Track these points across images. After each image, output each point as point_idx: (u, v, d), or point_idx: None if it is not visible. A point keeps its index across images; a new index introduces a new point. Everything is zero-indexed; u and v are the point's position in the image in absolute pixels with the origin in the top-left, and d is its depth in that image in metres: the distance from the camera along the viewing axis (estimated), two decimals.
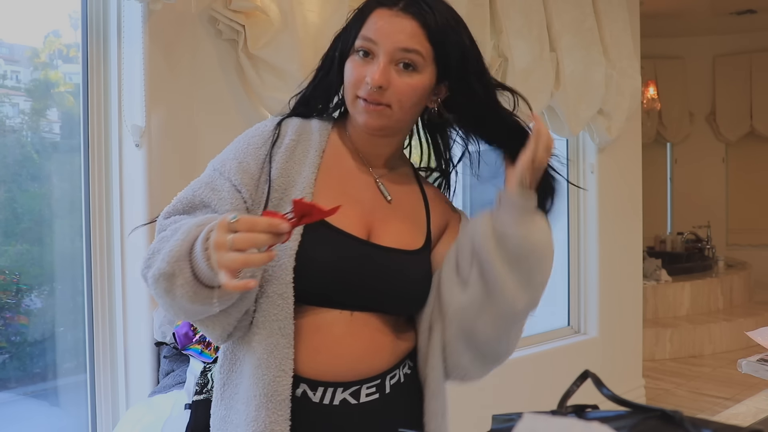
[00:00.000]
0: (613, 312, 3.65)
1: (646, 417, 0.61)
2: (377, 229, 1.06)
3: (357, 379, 1.00)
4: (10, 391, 2.14)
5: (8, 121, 2.19)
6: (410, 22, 1.00)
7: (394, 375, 1.04)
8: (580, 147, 3.60)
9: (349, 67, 1.02)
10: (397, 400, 1.04)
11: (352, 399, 0.99)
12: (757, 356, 1.41)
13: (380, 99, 1.00)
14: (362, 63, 1.01)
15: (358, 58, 1.01)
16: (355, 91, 1.01)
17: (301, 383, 0.98)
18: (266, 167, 1.03)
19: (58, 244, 2.20)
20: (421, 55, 1.00)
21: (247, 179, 1.01)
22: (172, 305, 0.92)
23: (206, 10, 2.10)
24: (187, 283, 0.87)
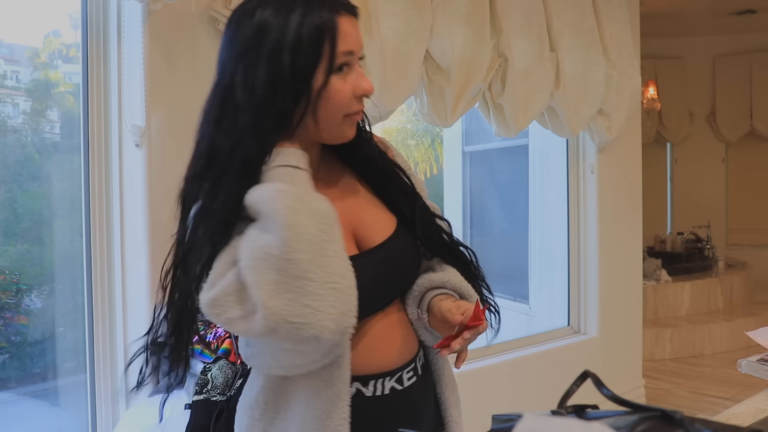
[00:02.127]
0: (613, 312, 3.65)
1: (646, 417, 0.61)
2: (361, 232, 1.07)
3: (398, 366, 1.06)
4: (10, 391, 2.14)
5: (8, 121, 2.19)
6: (355, 20, 1.00)
7: (420, 357, 1.11)
8: (580, 147, 3.60)
9: (337, 88, 0.95)
10: (427, 381, 1.12)
11: (398, 385, 1.05)
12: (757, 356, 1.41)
13: (362, 106, 1.01)
14: (342, 78, 0.96)
15: (339, 74, 0.96)
16: (346, 110, 0.98)
17: (353, 382, 1.01)
18: None
19: (58, 244, 2.20)
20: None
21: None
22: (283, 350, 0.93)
23: (206, 10, 2.10)
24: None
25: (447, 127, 2.76)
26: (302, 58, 0.92)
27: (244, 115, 0.92)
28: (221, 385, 1.55)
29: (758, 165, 6.48)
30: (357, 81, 0.97)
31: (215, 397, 1.53)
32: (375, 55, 2.30)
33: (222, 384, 1.55)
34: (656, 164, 6.54)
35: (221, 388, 1.55)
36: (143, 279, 2.01)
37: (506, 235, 4.33)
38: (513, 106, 2.85)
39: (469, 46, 2.67)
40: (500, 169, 4.30)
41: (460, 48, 2.63)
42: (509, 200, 4.22)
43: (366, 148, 1.10)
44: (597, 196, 3.57)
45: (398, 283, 1.10)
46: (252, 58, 0.92)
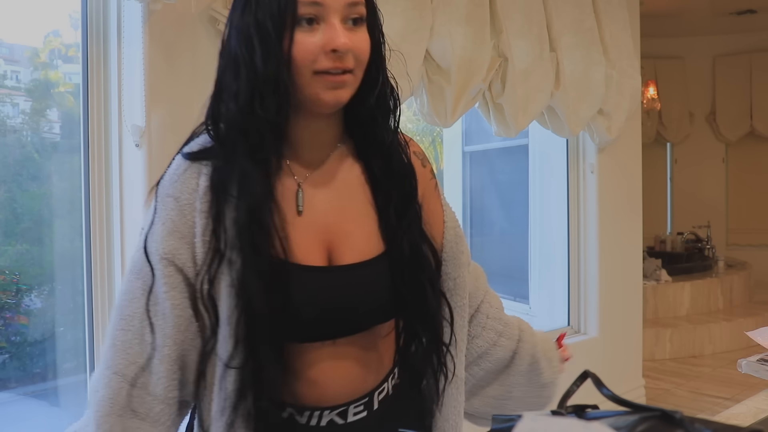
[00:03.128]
0: (613, 312, 3.65)
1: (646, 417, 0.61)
2: (336, 243, 0.95)
3: (344, 402, 0.95)
4: (10, 391, 2.14)
5: (8, 121, 2.19)
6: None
7: (382, 390, 0.98)
8: (580, 147, 3.60)
9: (301, 41, 0.86)
10: (386, 414, 0.98)
11: (339, 419, 0.95)
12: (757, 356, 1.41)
13: (346, 65, 0.88)
14: (310, 33, 0.86)
15: (303, 28, 0.86)
16: (313, 66, 0.87)
17: (287, 407, 0.93)
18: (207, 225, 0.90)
19: (58, 244, 2.20)
20: (363, 6, 0.91)
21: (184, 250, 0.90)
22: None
23: (206, 10, 2.10)
24: None
25: (447, 127, 2.76)
26: (263, 16, 0.86)
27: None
28: None
29: (758, 165, 6.48)
30: (329, 35, 0.86)
31: None
32: None
33: None
34: (656, 164, 6.54)
35: None
36: None
37: (506, 235, 4.33)
38: (513, 106, 2.85)
39: (469, 46, 2.67)
40: (500, 169, 4.30)
41: (460, 48, 2.63)
42: (509, 200, 4.22)
43: (378, 137, 0.97)
44: (597, 196, 3.57)
45: (355, 319, 0.94)
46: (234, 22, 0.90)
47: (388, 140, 0.97)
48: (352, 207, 0.97)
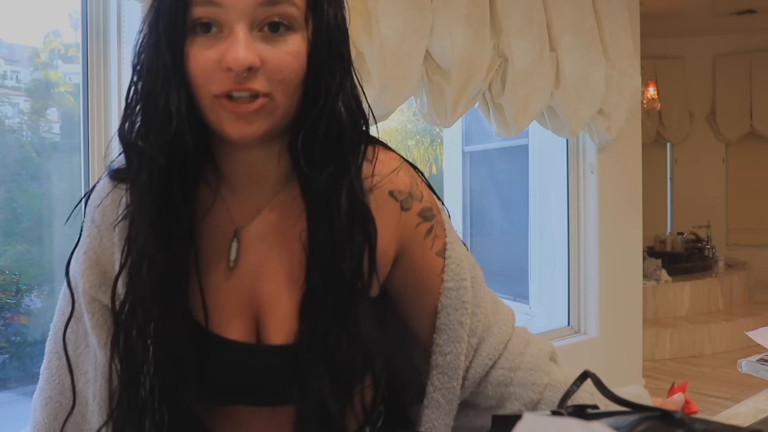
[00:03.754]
0: (613, 312, 3.64)
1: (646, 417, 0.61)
2: (265, 314, 0.77)
3: None
4: (10, 390, 2.14)
5: (8, 121, 2.19)
6: None
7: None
8: (580, 147, 3.60)
9: (193, 55, 0.66)
10: None
11: None
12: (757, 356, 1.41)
13: (254, 87, 0.66)
14: (207, 43, 0.66)
15: (199, 37, 0.67)
16: (211, 88, 0.67)
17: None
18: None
19: (58, 244, 2.20)
20: (293, 4, 0.68)
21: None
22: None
23: None
24: None
25: (447, 127, 2.76)
26: (157, 18, 0.68)
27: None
28: None
29: (758, 165, 6.47)
30: (225, 48, 0.65)
31: None
32: (375, 55, 2.29)
33: None
34: (656, 164, 6.54)
35: None
36: None
37: (506, 235, 4.33)
38: (513, 106, 2.85)
39: (469, 46, 2.67)
40: (500, 169, 4.30)
41: (460, 48, 2.63)
42: (509, 200, 4.22)
43: (313, 183, 0.72)
44: (597, 196, 3.57)
45: (271, 398, 0.78)
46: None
47: (321, 187, 0.72)
48: (288, 270, 0.77)
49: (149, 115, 0.70)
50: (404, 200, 0.81)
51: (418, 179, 0.84)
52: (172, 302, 0.72)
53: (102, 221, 0.77)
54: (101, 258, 0.77)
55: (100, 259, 0.77)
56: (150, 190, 0.70)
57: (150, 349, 0.73)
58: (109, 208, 0.76)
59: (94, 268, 0.77)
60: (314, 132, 0.72)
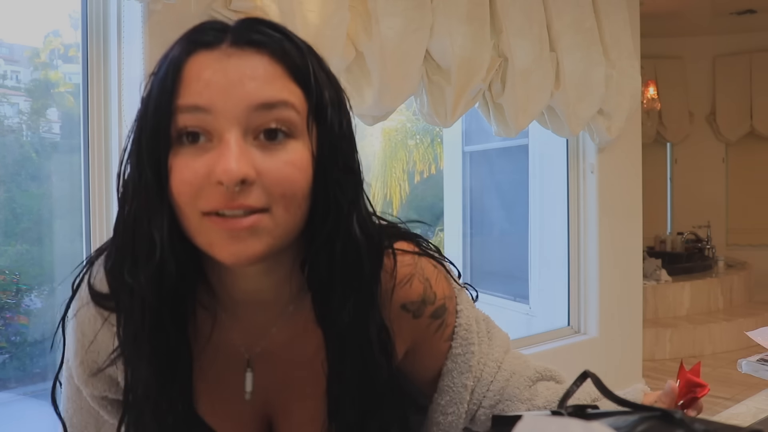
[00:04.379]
0: (613, 312, 3.64)
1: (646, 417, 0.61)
2: (277, 421, 0.74)
3: None
4: (10, 390, 2.14)
5: (8, 121, 2.19)
6: (259, 58, 0.60)
7: None
8: (580, 147, 3.60)
9: (176, 168, 0.59)
10: None
11: None
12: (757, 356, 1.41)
13: (248, 203, 0.59)
14: (194, 155, 0.59)
15: (186, 148, 0.59)
16: (199, 205, 0.59)
17: None
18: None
19: (58, 244, 2.20)
20: (293, 108, 0.60)
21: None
22: None
23: (206, 10, 2.10)
24: None
25: (447, 127, 2.76)
26: (142, 128, 0.61)
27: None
28: None
29: (758, 165, 6.47)
30: (215, 158, 0.58)
31: None
32: (375, 55, 2.30)
33: None
34: (656, 164, 6.54)
35: None
36: None
37: (506, 235, 4.33)
38: (513, 106, 2.85)
39: (469, 46, 2.67)
40: (500, 169, 4.30)
41: (460, 48, 2.63)
42: (509, 200, 4.22)
43: (332, 308, 0.67)
44: (597, 196, 3.57)
45: None
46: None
47: (344, 324, 0.67)
48: (300, 384, 0.73)
49: (134, 246, 0.62)
50: (416, 310, 0.76)
51: (431, 275, 0.77)
52: (180, 415, 0.68)
53: (96, 359, 0.71)
54: (102, 367, 0.70)
55: (101, 368, 0.70)
56: (144, 330, 0.64)
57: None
58: (97, 331, 0.70)
59: (95, 376, 0.71)
60: (330, 257, 0.64)
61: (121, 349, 0.66)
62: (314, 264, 0.65)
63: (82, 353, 0.70)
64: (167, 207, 0.60)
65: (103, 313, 0.68)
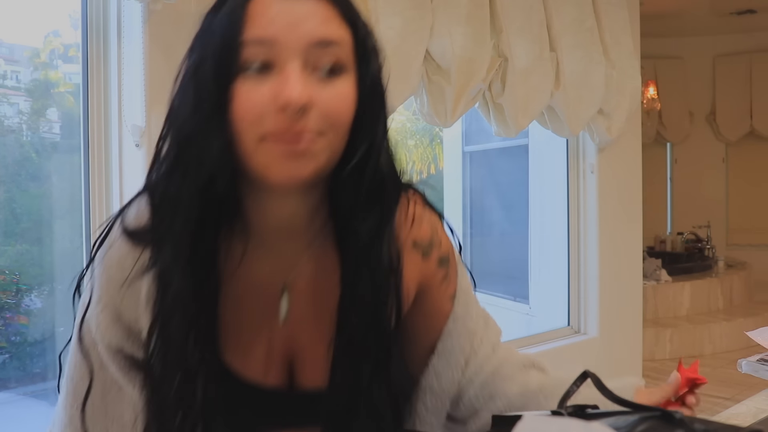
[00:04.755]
0: (613, 312, 3.64)
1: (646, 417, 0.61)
2: (299, 361, 0.77)
3: None
4: (10, 390, 2.15)
5: (8, 121, 2.19)
6: (317, 2, 0.67)
7: None
8: (580, 147, 3.60)
9: (242, 93, 0.65)
10: None
11: None
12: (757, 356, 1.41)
13: (306, 127, 0.64)
14: (258, 83, 0.65)
15: (250, 76, 0.65)
16: (258, 128, 0.65)
17: None
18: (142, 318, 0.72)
19: (58, 244, 2.21)
20: (343, 48, 0.68)
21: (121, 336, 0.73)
22: None
23: (207, 9, 2.10)
24: None
25: (447, 127, 2.76)
26: (204, 56, 0.68)
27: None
28: None
29: (758, 165, 6.47)
30: (279, 86, 0.64)
31: None
32: None
33: None
34: (656, 164, 6.54)
35: None
36: None
37: (506, 235, 4.33)
38: (513, 106, 2.85)
39: (469, 46, 2.67)
40: (500, 169, 4.30)
41: (460, 48, 2.63)
42: (509, 200, 4.22)
43: (352, 232, 0.73)
44: (597, 196, 3.57)
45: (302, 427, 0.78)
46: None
47: (362, 241, 0.72)
48: (322, 319, 0.76)
49: (185, 162, 0.68)
50: (425, 249, 0.82)
51: (438, 225, 0.84)
52: (204, 354, 0.70)
53: (123, 278, 0.72)
54: (124, 314, 0.72)
55: (123, 314, 0.72)
56: (183, 241, 0.68)
57: (184, 401, 0.70)
58: (129, 268, 0.72)
59: (116, 323, 0.72)
60: (359, 180, 0.71)
61: (156, 276, 0.69)
62: (343, 188, 0.71)
63: (107, 297, 0.73)
64: (224, 130, 0.66)
65: (134, 249, 0.72)
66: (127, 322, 0.72)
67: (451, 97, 2.62)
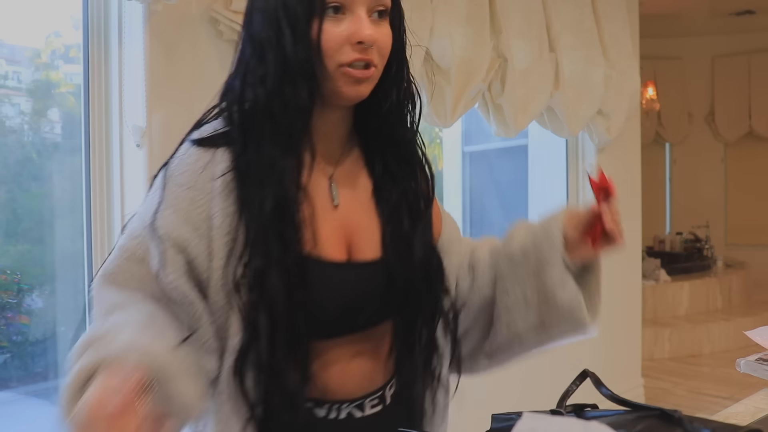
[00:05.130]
0: (612, 312, 3.63)
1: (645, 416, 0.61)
2: (355, 239, 0.94)
3: (361, 396, 0.95)
4: (12, 390, 2.15)
5: (9, 121, 2.20)
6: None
7: (392, 385, 0.99)
8: (579, 147, 3.61)
9: (328, 31, 0.85)
10: (396, 410, 0.99)
11: (357, 411, 0.95)
12: (756, 355, 1.42)
13: (371, 58, 0.87)
14: (336, 22, 0.85)
15: (329, 17, 0.85)
16: (338, 57, 0.85)
17: (306, 402, 0.91)
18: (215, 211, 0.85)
19: (59, 244, 2.21)
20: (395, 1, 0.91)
21: (190, 232, 0.85)
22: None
23: (207, 10, 2.10)
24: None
25: (447, 127, 2.77)
26: (294, 1, 0.86)
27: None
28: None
29: (757, 165, 6.48)
30: (355, 25, 0.85)
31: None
32: None
33: None
34: (655, 164, 6.55)
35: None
36: None
37: None
38: (512, 106, 2.86)
39: (469, 47, 2.67)
40: (500, 169, 4.31)
41: (460, 48, 2.63)
42: (509, 200, 4.23)
43: (396, 137, 0.97)
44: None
45: (371, 315, 0.94)
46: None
47: (407, 139, 0.98)
48: (365, 205, 0.96)
49: (278, 77, 0.85)
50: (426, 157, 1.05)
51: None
52: (289, 237, 0.85)
53: (195, 182, 0.86)
54: (191, 216, 0.85)
55: (190, 217, 0.85)
56: (276, 139, 0.86)
57: (263, 284, 0.83)
58: (203, 170, 0.86)
59: (184, 224, 0.85)
60: (397, 96, 0.95)
61: (240, 169, 0.86)
62: (380, 103, 0.93)
63: (175, 201, 0.86)
64: (310, 55, 0.85)
65: (205, 153, 0.88)
66: (193, 224, 0.85)
67: (451, 97, 2.62)
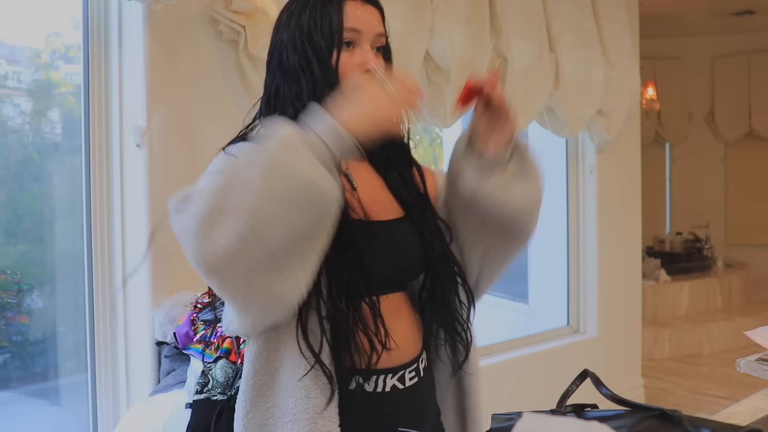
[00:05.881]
0: (612, 312, 3.65)
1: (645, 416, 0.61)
2: (373, 206, 1.10)
3: (401, 364, 1.06)
4: (12, 390, 2.15)
5: (10, 121, 2.20)
6: (375, 9, 1.11)
7: (423, 359, 1.11)
8: (579, 147, 3.61)
9: (342, 60, 1.06)
10: (428, 384, 1.12)
11: (399, 384, 1.05)
12: (756, 355, 1.42)
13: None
14: (349, 54, 1.07)
15: (344, 49, 1.07)
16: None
17: (355, 376, 1.02)
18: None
19: (59, 244, 2.21)
20: (385, 38, 1.11)
21: None
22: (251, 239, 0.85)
23: (207, 10, 2.10)
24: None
25: (446, 127, 2.77)
26: (314, 32, 1.07)
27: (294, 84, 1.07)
28: (222, 384, 1.56)
29: (757, 165, 6.48)
30: (364, 57, 1.06)
31: (216, 397, 1.54)
32: None
33: (223, 383, 1.56)
34: (655, 164, 6.55)
35: (222, 388, 1.55)
36: (144, 279, 2.02)
37: None
38: (512, 106, 2.85)
39: (468, 47, 2.67)
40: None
41: (460, 48, 2.64)
42: None
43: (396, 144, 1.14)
44: (596, 197, 3.58)
45: (401, 268, 1.10)
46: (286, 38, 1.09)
47: (399, 137, 1.15)
48: (376, 187, 1.13)
49: (324, 93, 1.02)
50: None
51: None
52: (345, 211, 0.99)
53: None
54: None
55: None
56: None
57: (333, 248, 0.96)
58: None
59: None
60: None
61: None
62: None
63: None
64: (332, 77, 1.05)
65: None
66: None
67: (451, 97, 2.63)
